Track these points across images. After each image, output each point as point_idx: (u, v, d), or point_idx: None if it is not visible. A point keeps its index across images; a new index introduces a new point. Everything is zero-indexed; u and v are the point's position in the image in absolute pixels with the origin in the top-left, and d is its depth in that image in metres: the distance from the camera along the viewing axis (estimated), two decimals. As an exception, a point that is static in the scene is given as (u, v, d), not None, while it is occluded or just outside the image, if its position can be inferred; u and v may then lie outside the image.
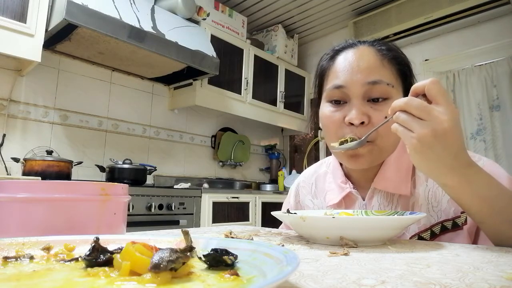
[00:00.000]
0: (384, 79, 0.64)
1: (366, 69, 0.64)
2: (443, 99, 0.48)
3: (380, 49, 0.68)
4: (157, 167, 2.61)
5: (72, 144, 2.44)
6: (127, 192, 0.54)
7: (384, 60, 0.66)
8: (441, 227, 0.63)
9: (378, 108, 0.63)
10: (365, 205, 0.72)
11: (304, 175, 0.91)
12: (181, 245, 0.35)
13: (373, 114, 0.63)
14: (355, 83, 0.64)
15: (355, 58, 0.66)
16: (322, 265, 0.36)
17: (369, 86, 0.63)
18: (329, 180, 0.80)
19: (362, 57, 0.66)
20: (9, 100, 2.17)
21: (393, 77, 0.66)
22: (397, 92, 0.65)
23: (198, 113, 3.20)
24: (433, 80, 0.49)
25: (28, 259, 0.32)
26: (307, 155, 3.80)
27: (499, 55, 2.59)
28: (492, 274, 0.32)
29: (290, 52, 3.59)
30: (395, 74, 0.66)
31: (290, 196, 0.92)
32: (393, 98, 0.61)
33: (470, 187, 0.50)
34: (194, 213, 2.34)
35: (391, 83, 0.64)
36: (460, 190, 0.51)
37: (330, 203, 0.76)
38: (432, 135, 0.47)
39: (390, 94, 0.64)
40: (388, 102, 0.63)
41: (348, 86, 0.65)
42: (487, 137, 2.55)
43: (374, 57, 0.66)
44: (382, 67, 0.65)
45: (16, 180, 0.60)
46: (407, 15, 2.92)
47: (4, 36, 1.79)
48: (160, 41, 2.27)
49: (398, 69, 0.67)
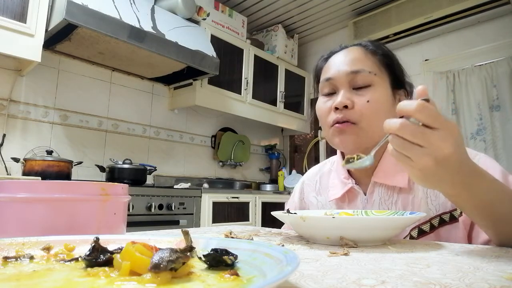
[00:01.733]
0: (366, 68, 0.71)
1: (350, 61, 0.72)
2: (438, 122, 0.43)
3: (366, 45, 0.76)
4: (157, 167, 2.61)
5: (72, 144, 2.44)
6: (127, 192, 0.54)
7: (368, 53, 0.74)
8: (440, 220, 0.65)
9: (361, 94, 0.70)
10: (367, 199, 0.74)
11: (308, 174, 0.94)
12: (181, 245, 0.35)
13: (356, 99, 0.69)
14: (340, 74, 0.72)
15: (342, 55, 0.75)
16: (322, 265, 0.36)
17: (352, 75, 0.70)
18: (333, 176, 0.83)
19: (348, 53, 0.75)
20: (9, 100, 2.17)
21: (376, 67, 0.72)
22: (380, 79, 0.71)
23: (198, 113, 3.20)
24: (419, 106, 0.42)
25: (28, 259, 0.32)
26: (307, 155, 3.80)
27: (499, 55, 2.59)
28: (492, 274, 0.32)
29: (290, 52, 3.59)
30: (378, 64, 0.73)
31: (294, 195, 0.94)
32: (376, 85, 0.70)
33: (471, 194, 0.49)
34: (194, 213, 2.34)
35: (373, 71, 0.71)
36: (461, 197, 0.50)
37: (332, 197, 0.80)
38: (433, 164, 0.43)
39: (373, 81, 0.70)
40: (371, 89, 0.70)
41: (335, 78, 0.72)
42: (487, 137, 2.55)
43: (358, 51, 0.74)
44: (365, 58, 0.72)
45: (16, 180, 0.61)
46: (407, 15, 2.92)
47: (4, 36, 1.79)
48: (160, 41, 2.27)
49: (381, 59, 0.74)
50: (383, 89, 0.71)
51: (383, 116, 0.63)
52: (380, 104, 0.69)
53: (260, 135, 3.81)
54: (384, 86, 0.72)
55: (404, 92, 0.76)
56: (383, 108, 0.70)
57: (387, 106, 0.71)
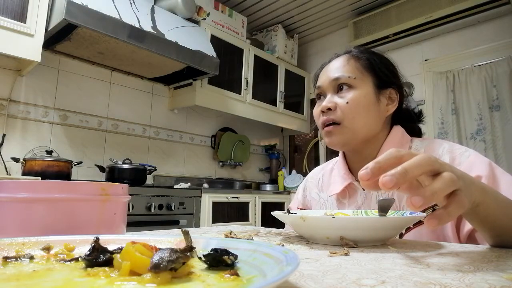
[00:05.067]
0: (345, 73, 0.79)
1: (334, 69, 0.82)
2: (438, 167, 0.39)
3: (350, 51, 0.85)
4: (157, 167, 2.61)
5: (72, 144, 2.44)
6: (127, 192, 0.54)
7: (351, 59, 0.82)
8: (432, 210, 0.68)
9: (342, 96, 0.79)
10: (365, 194, 0.79)
11: (312, 172, 1.01)
12: (181, 245, 0.35)
13: (338, 101, 0.79)
14: (325, 81, 0.82)
15: (330, 64, 0.85)
16: (322, 265, 0.36)
17: (335, 81, 0.80)
18: (334, 173, 0.89)
19: (334, 62, 0.84)
20: (9, 100, 2.17)
21: (357, 71, 0.80)
22: (361, 81, 0.79)
23: (198, 113, 3.20)
24: (385, 182, 0.36)
25: (28, 259, 0.32)
26: (307, 155, 3.80)
27: (499, 55, 2.59)
28: (492, 274, 0.32)
29: (290, 52, 3.59)
30: (360, 68, 0.80)
31: (298, 192, 1.00)
32: (357, 87, 0.78)
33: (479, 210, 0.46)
34: (194, 213, 2.34)
35: (353, 75, 0.79)
36: (470, 215, 0.48)
37: (332, 192, 0.85)
38: None
39: (353, 84, 0.79)
40: (351, 91, 0.78)
41: (322, 85, 0.83)
42: (487, 137, 2.55)
43: (342, 59, 0.83)
44: (347, 65, 0.81)
45: (16, 180, 0.61)
46: (407, 15, 2.92)
47: (4, 36, 1.78)
48: (160, 41, 2.27)
49: (364, 64, 0.81)
50: (363, 90, 0.78)
51: (364, 114, 0.76)
52: (359, 103, 0.77)
53: (260, 135, 3.81)
54: (365, 87, 0.79)
55: (394, 91, 0.81)
56: (362, 106, 0.78)
57: (367, 104, 0.78)
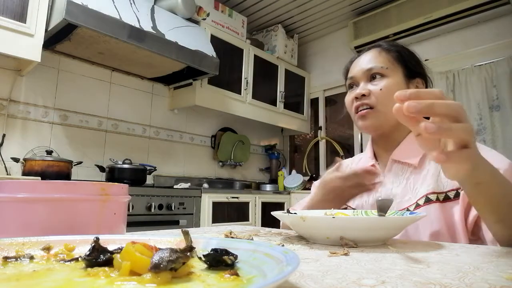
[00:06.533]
0: (378, 64, 0.85)
1: (366, 60, 0.88)
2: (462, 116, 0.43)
3: (381, 45, 0.91)
4: (157, 167, 2.61)
5: (72, 144, 2.44)
6: (127, 192, 0.54)
7: (382, 51, 0.88)
8: (445, 196, 0.74)
9: (375, 84, 0.84)
10: (384, 175, 0.87)
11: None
12: (181, 245, 0.35)
13: (372, 88, 0.84)
14: (358, 72, 0.88)
15: (362, 57, 0.91)
16: (322, 265, 0.36)
17: (368, 71, 0.86)
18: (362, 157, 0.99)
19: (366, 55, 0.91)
20: (9, 100, 2.17)
21: (388, 62, 0.86)
22: (392, 71, 0.85)
23: (198, 113, 3.20)
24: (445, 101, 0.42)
25: (28, 259, 0.32)
26: (307, 155, 3.80)
27: (499, 55, 2.59)
28: (492, 274, 0.32)
29: (290, 52, 3.58)
30: (391, 59, 0.86)
31: None
32: (389, 76, 0.84)
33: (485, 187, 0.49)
34: (194, 213, 2.34)
35: (385, 65, 0.85)
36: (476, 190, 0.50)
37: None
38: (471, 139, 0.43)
39: (385, 73, 0.85)
40: (384, 79, 0.84)
41: (355, 75, 0.89)
42: (487, 137, 2.55)
43: (374, 52, 0.89)
44: (379, 56, 0.87)
45: (16, 180, 0.60)
46: (407, 15, 2.92)
47: (4, 36, 1.78)
48: (160, 41, 2.27)
49: (394, 55, 0.87)
50: (394, 79, 0.84)
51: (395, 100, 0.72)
52: (391, 90, 0.81)
53: (260, 135, 3.81)
54: (396, 76, 0.85)
55: (421, 80, 0.88)
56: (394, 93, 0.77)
57: None
